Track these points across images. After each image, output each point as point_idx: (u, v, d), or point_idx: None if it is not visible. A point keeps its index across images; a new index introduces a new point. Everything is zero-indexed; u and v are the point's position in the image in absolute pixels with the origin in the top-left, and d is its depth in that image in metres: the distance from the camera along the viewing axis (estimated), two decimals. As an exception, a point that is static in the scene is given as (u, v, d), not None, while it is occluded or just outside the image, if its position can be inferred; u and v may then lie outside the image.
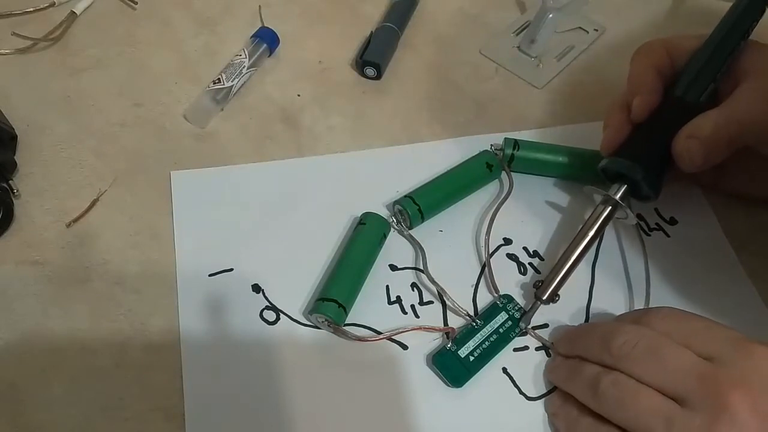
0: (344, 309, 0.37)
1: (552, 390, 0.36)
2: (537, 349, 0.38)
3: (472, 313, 0.38)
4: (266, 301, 0.38)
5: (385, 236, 0.40)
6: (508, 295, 0.39)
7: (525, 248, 0.41)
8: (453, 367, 0.36)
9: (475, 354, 0.36)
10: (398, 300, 0.39)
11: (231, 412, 0.35)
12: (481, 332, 0.37)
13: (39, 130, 0.45)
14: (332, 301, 0.36)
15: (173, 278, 0.39)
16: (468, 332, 0.37)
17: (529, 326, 0.38)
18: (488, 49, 0.51)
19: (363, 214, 0.40)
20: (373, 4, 0.54)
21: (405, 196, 0.41)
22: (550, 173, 0.44)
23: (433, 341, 0.37)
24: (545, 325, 0.38)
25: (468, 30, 0.53)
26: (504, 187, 0.43)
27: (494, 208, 0.41)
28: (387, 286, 0.39)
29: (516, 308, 0.38)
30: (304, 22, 0.53)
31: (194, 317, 0.38)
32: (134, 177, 0.43)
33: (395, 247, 0.41)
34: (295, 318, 0.38)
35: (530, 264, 0.41)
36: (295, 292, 0.39)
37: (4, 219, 0.40)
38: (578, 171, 0.43)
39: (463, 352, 0.36)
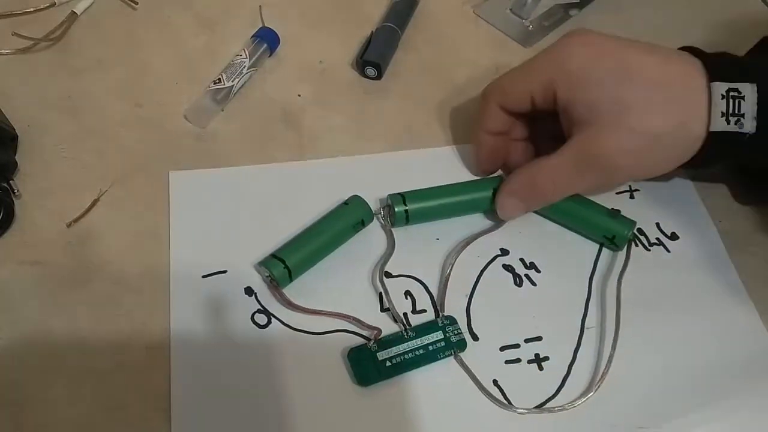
0: (289, 272, 0.37)
1: (544, 403, 0.36)
2: (529, 362, 0.37)
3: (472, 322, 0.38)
4: (258, 305, 0.38)
5: (363, 223, 0.39)
6: (452, 317, 0.38)
7: (522, 260, 0.41)
8: (366, 366, 0.35)
9: (394, 361, 0.36)
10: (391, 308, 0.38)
11: (218, 415, 0.35)
12: (408, 343, 0.36)
13: (40, 130, 0.45)
14: (280, 261, 0.36)
15: (173, 278, 0.39)
16: (395, 338, 0.36)
17: (460, 354, 0.37)
18: (480, 8, 0.54)
19: (351, 196, 0.40)
20: (373, 4, 0.54)
21: (398, 194, 0.40)
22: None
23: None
24: (539, 338, 0.38)
25: (468, 30, 0.53)
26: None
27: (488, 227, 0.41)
28: (380, 294, 0.39)
29: (455, 332, 0.37)
30: (304, 22, 0.53)
31: (186, 318, 0.37)
32: (135, 177, 0.43)
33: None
34: (286, 322, 0.38)
35: (526, 276, 0.40)
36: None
37: (4, 219, 0.40)
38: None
39: (382, 355, 0.36)
